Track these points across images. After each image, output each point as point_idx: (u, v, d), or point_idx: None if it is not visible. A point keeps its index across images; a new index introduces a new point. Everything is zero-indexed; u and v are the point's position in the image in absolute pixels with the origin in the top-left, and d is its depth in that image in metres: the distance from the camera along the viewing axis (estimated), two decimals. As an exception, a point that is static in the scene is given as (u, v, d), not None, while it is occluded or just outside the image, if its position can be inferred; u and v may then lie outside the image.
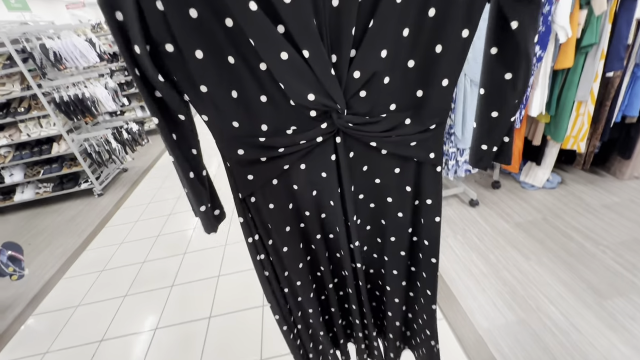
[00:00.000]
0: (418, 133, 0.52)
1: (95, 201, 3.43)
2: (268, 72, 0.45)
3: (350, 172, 0.58)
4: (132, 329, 1.77)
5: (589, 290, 1.55)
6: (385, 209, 0.65)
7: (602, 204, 2.09)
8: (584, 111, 1.89)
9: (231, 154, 0.52)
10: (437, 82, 0.49)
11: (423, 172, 0.59)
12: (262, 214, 0.61)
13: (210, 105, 0.47)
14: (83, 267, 2.39)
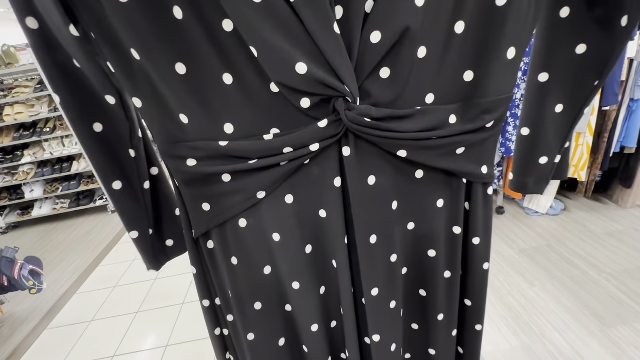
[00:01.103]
0: (469, 133, 0.34)
1: (109, 217, 3.54)
2: (235, 34, 0.27)
3: (370, 210, 0.35)
4: (143, 346, 1.82)
5: (593, 318, 1.57)
6: (425, 271, 0.43)
7: (606, 232, 2.12)
8: (583, 142, 1.98)
9: (178, 165, 0.34)
10: (499, 55, 0.31)
11: (473, 197, 0.40)
12: (219, 272, 0.41)
13: (145, 83, 0.31)
14: (96, 282, 2.46)
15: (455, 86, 0.33)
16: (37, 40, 0.30)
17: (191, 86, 0.30)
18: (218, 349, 0.50)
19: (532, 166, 0.46)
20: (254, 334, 0.43)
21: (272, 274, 0.40)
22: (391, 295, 0.41)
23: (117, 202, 0.39)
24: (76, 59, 0.30)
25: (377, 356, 0.42)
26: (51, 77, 0.31)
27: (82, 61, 0.31)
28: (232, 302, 0.43)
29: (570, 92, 0.38)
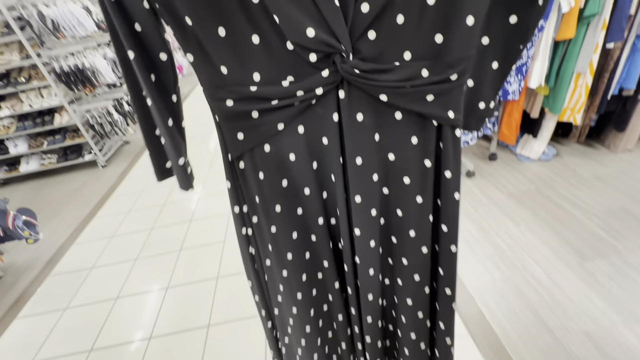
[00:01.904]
0: (436, 84, 0.42)
1: (100, 172, 3.49)
2: (261, 5, 0.37)
3: (357, 139, 0.46)
4: (145, 288, 1.89)
5: (572, 253, 1.65)
6: (401, 194, 0.52)
7: (594, 176, 2.16)
8: (582, 83, 1.92)
9: (220, 105, 0.45)
10: (461, 23, 0.38)
11: (443, 137, 0.48)
12: (248, 184, 0.52)
13: (195, 43, 0.41)
14: (93, 233, 2.49)
15: (428, 46, 0.41)
16: (116, 10, 0.40)
17: (229, 45, 0.41)
18: (244, 245, 0.62)
19: (474, 110, 0.55)
20: (276, 228, 0.55)
21: (289, 184, 0.52)
22: (371, 205, 0.53)
23: (171, 137, 0.51)
24: (142, 25, 0.41)
25: (359, 246, 0.55)
26: (126, 38, 0.42)
27: (147, 27, 0.42)
28: (257, 207, 0.54)
29: (503, 53, 0.48)
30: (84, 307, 1.84)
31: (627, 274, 1.51)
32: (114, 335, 1.65)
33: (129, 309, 1.78)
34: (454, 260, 0.60)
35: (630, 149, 2.32)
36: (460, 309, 1.48)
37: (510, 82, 1.97)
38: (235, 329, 1.56)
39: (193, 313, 1.68)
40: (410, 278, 0.58)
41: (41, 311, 1.87)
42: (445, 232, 0.58)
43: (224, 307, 1.69)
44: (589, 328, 1.33)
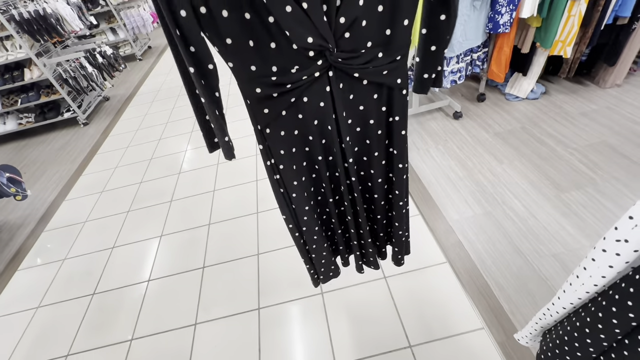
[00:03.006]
0: (388, 63, 0.64)
1: (82, 130, 3.39)
2: (276, 24, 0.55)
3: (341, 101, 0.69)
4: (140, 237, 1.95)
5: (550, 186, 1.71)
6: (368, 130, 0.77)
7: (580, 112, 2.16)
8: (575, 12, 1.83)
9: (251, 92, 0.63)
10: (400, 22, 0.60)
11: (393, 95, 0.71)
12: (275, 141, 0.72)
13: (234, 53, 0.58)
14: (82, 189, 2.49)
15: (381, 37, 0.61)
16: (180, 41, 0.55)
17: (256, 51, 0.58)
18: (276, 187, 0.79)
19: (421, 79, 0.76)
20: (295, 165, 0.77)
21: (299, 134, 0.74)
22: (354, 143, 0.79)
23: (217, 121, 0.67)
24: (196, 47, 0.57)
25: (352, 169, 0.80)
26: (186, 58, 0.57)
27: (200, 48, 0.57)
28: (282, 157, 0.75)
29: (437, 39, 0.69)
30: (82, 257, 1.91)
31: (600, 203, 1.59)
32: (115, 280, 1.73)
33: (126, 256, 1.85)
34: (399, 158, 0.81)
35: (619, 84, 2.30)
36: (440, 240, 1.56)
37: (501, 14, 1.87)
38: (228, 269, 1.65)
39: (188, 257, 1.76)
40: (377, 161, 0.84)
41: (41, 262, 1.93)
42: (395, 153, 0.80)
43: (216, 250, 1.76)
44: (558, 251, 1.43)
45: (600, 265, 0.53)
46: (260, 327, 1.38)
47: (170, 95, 3.76)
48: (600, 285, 0.56)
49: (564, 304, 0.67)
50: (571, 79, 2.43)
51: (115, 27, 4.96)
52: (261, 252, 1.69)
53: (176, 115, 3.29)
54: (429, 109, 2.43)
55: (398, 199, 0.87)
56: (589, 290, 0.58)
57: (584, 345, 0.59)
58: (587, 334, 0.58)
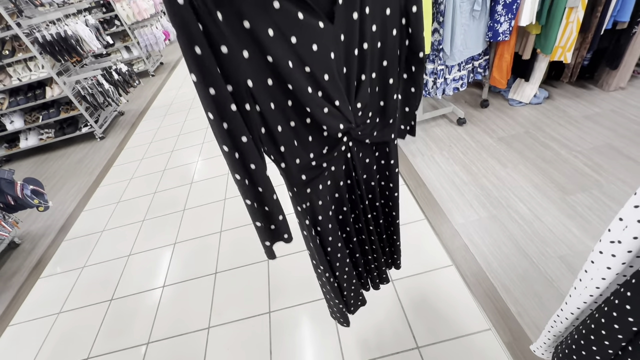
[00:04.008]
0: (386, 127, 0.78)
1: (99, 144, 3.54)
2: (314, 122, 0.63)
3: (357, 162, 0.80)
4: (154, 245, 2.03)
5: (555, 189, 1.73)
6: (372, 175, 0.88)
7: (584, 115, 2.18)
8: (573, 18, 1.87)
9: (298, 181, 0.70)
10: (391, 96, 0.73)
11: (389, 146, 0.84)
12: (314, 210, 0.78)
13: (286, 156, 0.64)
14: (100, 200, 2.60)
15: (378, 108, 0.74)
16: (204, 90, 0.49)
17: (301, 147, 0.66)
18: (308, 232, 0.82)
19: (399, 129, 0.89)
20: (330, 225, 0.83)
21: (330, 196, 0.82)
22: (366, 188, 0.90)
23: (274, 205, 0.69)
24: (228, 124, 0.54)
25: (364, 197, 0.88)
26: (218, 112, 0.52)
27: (247, 146, 0.58)
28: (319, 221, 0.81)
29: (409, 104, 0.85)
30: (101, 265, 1.99)
31: (605, 205, 1.60)
32: (131, 286, 1.80)
33: (142, 263, 1.93)
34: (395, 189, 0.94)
35: (623, 87, 2.31)
36: (446, 243, 1.59)
37: (500, 23, 1.92)
38: (240, 274, 1.70)
39: (201, 263, 1.82)
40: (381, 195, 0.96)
41: (61, 270, 2.02)
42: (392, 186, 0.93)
43: (228, 256, 1.82)
44: (564, 253, 1.44)
45: (599, 267, 0.56)
46: (271, 330, 1.42)
47: (181, 109, 3.90)
48: (602, 288, 0.57)
49: (571, 309, 0.68)
50: (574, 83, 2.46)
51: (130, 46, 5.18)
52: (271, 258, 1.74)
53: (188, 128, 3.41)
54: (433, 116, 2.48)
55: (395, 218, 1.01)
56: (592, 293, 0.60)
57: (591, 354, 0.60)
58: (592, 341, 0.58)
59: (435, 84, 2.16)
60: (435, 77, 2.13)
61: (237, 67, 0.49)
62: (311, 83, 0.56)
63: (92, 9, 4.69)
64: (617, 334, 0.52)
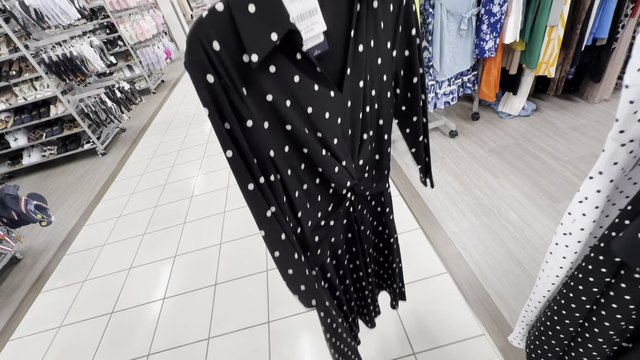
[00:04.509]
0: (382, 179, 0.82)
1: (100, 160, 3.61)
2: (324, 180, 0.66)
3: (358, 214, 0.83)
4: (155, 258, 2.06)
5: (545, 197, 1.79)
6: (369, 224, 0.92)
7: (570, 127, 2.26)
8: (555, 36, 1.98)
9: (312, 241, 0.71)
10: (385, 150, 0.77)
11: (384, 196, 0.87)
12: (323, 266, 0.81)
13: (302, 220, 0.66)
14: (101, 215, 2.64)
15: (374, 162, 0.77)
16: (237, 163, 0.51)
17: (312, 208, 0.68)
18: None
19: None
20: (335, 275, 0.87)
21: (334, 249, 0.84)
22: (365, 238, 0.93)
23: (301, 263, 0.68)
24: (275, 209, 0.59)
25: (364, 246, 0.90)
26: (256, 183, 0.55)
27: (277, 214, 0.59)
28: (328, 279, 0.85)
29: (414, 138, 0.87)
30: (102, 278, 2.01)
31: (593, 212, 1.65)
32: (132, 298, 1.82)
33: (143, 276, 1.95)
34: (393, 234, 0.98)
35: (607, 99, 2.41)
36: (440, 251, 1.63)
37: (486, 40, 2.03)
38: (239, 285, 1.73)
39: (201, 275, 1.85)
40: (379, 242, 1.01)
41: (62, 284, 2.04)
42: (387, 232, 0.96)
43: (227, 268, 1.85)
44: (554, 259, 1.48)
45: (557, 258, 0.62)
46: (270, 339, 1.44)
47: (182, 125, 3.99)
48: (561, 276, 0.64)
49: (538, 298, 0.74)
50: (560, 96, 2.56)
51: (132, 64, 5.33)
52: (270, 269, 1.77)
53: (188, 143, 3.48)
54: (426, 129, 2.56)
55: (392, 261, 1.03)
56: (554, 281, 0.67)
57: (556, 332, 0.66)
58: (555, 321, 0.65)
59: (427, 98, 2.25)
60: (427, 91, 2.22)
61: (261, 139, 0.51)
62: (324, 146, 0.59)
63: (96, 30, 4.86)
64: (574, 312, 0.58)
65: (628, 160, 0.47)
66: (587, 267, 0.53)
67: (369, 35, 0.57)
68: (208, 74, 0.42)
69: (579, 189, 0.54)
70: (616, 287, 0.49)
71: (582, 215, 0.53)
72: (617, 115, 0.44)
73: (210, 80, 0.43)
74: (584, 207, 0.53)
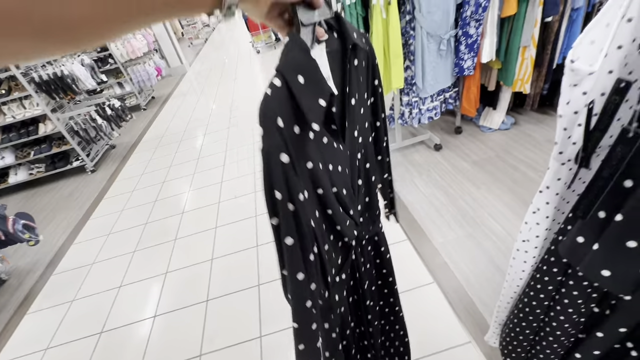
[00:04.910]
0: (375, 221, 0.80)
1: (89, 177, 3.58)
2: (336, 236, 0.64)
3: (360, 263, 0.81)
4: (146, 275, 2.05)
5: (524, 207, 1.87)
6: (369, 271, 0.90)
7: (546, 139, 2.39)
8: (527, 55, 2.12)
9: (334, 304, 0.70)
10: (374, 192, 0.77)
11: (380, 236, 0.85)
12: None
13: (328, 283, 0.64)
14: (90, 233, 2.62)
15: (365, 205, 0.74)
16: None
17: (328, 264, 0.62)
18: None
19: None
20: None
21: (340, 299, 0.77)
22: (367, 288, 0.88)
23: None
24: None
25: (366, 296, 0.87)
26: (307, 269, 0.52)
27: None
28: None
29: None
30: (90, 298, 1.99)
31: (570, 220, 1.74)
32: (122, 317, 1.81)
33: (133, 294, 1.94)
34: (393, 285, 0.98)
35: (580, 113, 2.55)
36: (427, 261, 1.69)
37: (464, 59, 2.16)
38: (231, 301, 1.74)
39: (192, 291, 1.85)
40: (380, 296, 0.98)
41: (50, 305, 2.01)
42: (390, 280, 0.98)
43: (219, 283, 1.86)
44: (535, 266, 1.55)
45: (519, 263, 0.69)
46: (263, 354, 1.45)
47: (172, 141, 4.01)
48: (525, 278, 0.70)
49: (507, 299, 0.80)
50: (537, 110, 2.70)
51: (122, 82, 5.37)
52: (261, 283, 1.79)
53: (179, 160, 3.50)
54: (412, 143, 2.65)
55: (394, 306, 1.04)
56: (518, 283, 0.73)
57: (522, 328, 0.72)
58: (521, 318, 0.71)
59: (411, 114, 2.35)
60: (410, 108, 2.33)
61: (306, 212, 0.49)
62: (339, 201, 0.60)
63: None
64: (536, 309, 0.65)
65: (568, 175, 0.53)
66: (542, 268, 0.59)
67: (355, 89, 0.62)
68: (282, 153, 0.41)
69: (532, 201, 0.61)
70: (566, 285, 0.55)
71: (536, 224, 0.60)
72: (556, 139, 0.51)
73: (285, 160, 0.41)
74: (537, 217, 0.59)
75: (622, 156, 0.39)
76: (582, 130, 0.49)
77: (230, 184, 2.78)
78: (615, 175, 0.40)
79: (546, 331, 0.64)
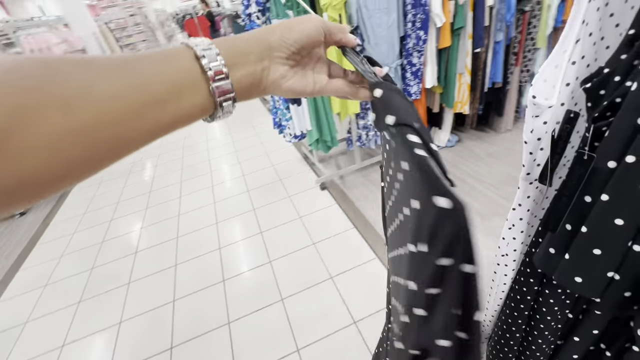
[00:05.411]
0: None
1: (17, 222, 3.14)
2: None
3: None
4: (94, 328, 1.81)
5: (476, 216, 2.04)
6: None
7: (487, 153, 2.66)
8: (464, 81, 2.39)
9: None
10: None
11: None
12: None
13: None
14: (21, 286, 2.27)
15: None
16: None
17: None
18: None
19: None
20: None
21: None
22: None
23: None
24: None
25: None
26: None
27: None
28: None
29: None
30: (24, 364, 1.69)
31: (515, 225, 1.93)
32: (66, 382, 1.56)
33: (80, 353, 1.70)
34: None
35: (510, 129, 2.90)
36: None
37: (411, 85, 2.36)
38: (199, 344, 1.60)
39: (153, 340, 1.67)
40: None
41: (-31, 381, 1.67)
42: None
43: (184, 326, 1.71)
44: (493, 271, 1.68)
45: (500, 277, 0.74)
46: (239, 399, 1.35)
47: (120, 175, 3.71)
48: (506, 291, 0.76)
49: (492, 312, 0.85)
50: (476, 128, 3.01)
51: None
52: (232, 320, 1.68)
53: (128, 194, 3.24)
54: (370, 163, 2.78)
55: None
56: (501, 296, 0.78)
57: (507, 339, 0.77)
58: (505, 330, 0.76)
59: (368, 136, 2.48)
60: (367, 130, 2.46)
61: None
62: None
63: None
64: (517, 319, 0.70)
65: (536, 193, 0.61)
66: (520, 279, 0.65)
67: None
68: None
69: (507, 218, 0.67)
70: (543, 294, 0.61)
71: (513, 239, 0.66)
72: (523, 162, 0.58)
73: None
74: (512, 233, 0.66)
75: (580, 175, 0.46)
76: (545, 153, 0.56)
77: (188, 217, 2.62)
78: (576, 192, 0.47)
79: (529, 340, 0.69)
